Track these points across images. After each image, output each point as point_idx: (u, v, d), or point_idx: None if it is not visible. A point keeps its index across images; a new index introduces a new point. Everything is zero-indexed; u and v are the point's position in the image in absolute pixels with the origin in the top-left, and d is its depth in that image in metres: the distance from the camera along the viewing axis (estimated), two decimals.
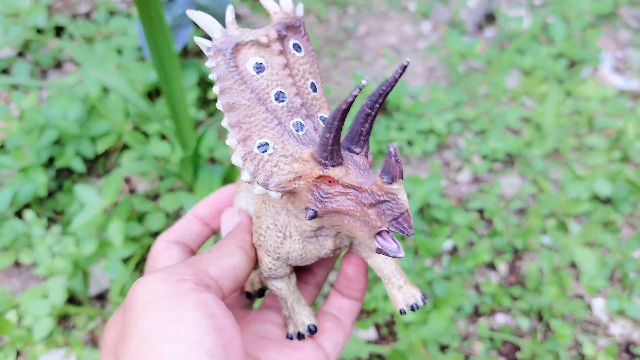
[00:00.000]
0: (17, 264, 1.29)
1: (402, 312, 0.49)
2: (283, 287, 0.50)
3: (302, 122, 0.43)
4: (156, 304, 0.37)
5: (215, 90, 0.42)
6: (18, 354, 1.15)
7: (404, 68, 0.38)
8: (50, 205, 1.36)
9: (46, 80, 1.64)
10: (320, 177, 0.40)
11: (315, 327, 0.50)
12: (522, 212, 1.48)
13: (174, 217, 1.37)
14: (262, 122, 0.42)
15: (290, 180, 0.41)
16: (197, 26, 1.75)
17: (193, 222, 0.53)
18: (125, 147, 1.47)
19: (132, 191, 1.42)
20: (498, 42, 1.92)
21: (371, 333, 1.23)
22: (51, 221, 1.35)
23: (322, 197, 0.40)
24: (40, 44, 1.69)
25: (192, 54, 1.73)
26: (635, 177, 1.47)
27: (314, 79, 0.46)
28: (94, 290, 1.25)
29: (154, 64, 1.11)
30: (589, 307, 1.31)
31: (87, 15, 1.80)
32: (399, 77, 0.38)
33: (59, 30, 1.75)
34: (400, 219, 0.38)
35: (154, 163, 1.29)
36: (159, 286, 0.38)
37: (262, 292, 0.54)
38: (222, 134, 1.53)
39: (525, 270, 1.36)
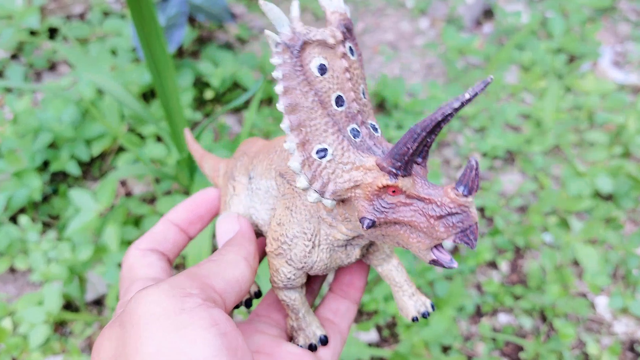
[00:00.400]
0: (12, 270, 1.28)
1: (414, 319, 0.50)
2: (297, 297, 0.48)
3: (358, 129, 0.41)
4: (162, 321, 0.34)
5: (278, 89, 0.40)
6: None
7: (487, 85, 0.36)
8: (46, 210, 1.35)
9: (40, 82, 1.62)
10: (385, 186, 0.38)
11: (327, 338, 0.49)
12: (523, 209, 1.46)
13: None
14: (322, 127, 0.40)
15: (348, 189, 0.40)
16: (192, 26, 1.74)
17: (169, 229, 0.50)
18: (120, 149, 1.45)
19: (128, 194, 1.41)
20: (496, 38, 1.90)
21: (372, 335, 1.21)
22: (46, 226, 1.33)
23: (383, 207, 0.39)
24: (34, 46, 1.68)
25: (187, 54, 1.71)
26: (637, 173, 1.46)
27: (363, 84, 0.44)
28: (90, 295, 1.23)
29: (147, 65, 1.09)
30: (592, 305, 1.30)
31: (82, 16, 1.78)
32: (480, 92, 0.36)
33: (52, 32, 1.73)
34: (467, 231, 0.37)
35: (149, 166, 1.28)
36: (164, 301, 0.35)
37: (249, 302, 0.52)
38: (219, 135, 1.51)
39: (527, 268, 1.34)
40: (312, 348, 0.48)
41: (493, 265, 1.36)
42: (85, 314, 1.20)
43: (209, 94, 1.59)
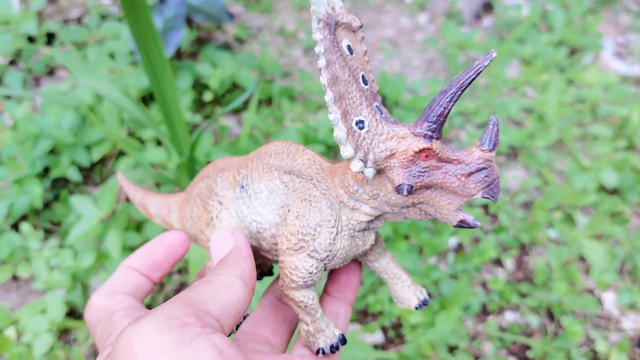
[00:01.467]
0: (15, 278, 1.27)
1: (417, 307, 0.51)
2: (314, 296, 0.48)
3: (380, 107, 0.44)
4: (163, 358, 0.31)
5: (321, 63, 0.41)
6: None
7: (490, 60, 0.39)
8: (47, 216, 1.34)
9: (39, 88, 1.61)
10: (420, 150, 0.41)
11: (345, 338, 0.49)
12: (527, 205, 1.45)
13: None
14: (358, 100, 0.43)
15: (385, 158, 0.42)
16: (190, 27, 1.72)
17: (130, 274, 0.47)
18: (121, 153, 1.44)
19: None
20: (497, 32, 1.89)
21: (378, 336, 1.21)
22: (48, 232, 1.33)
23: (418, 172, 0.42)
24: (32, 51, 1.67)
25: (185, 55, 1.70)
26: None
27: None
28: None
29: (145, 69, 1.08)
30: (599, 301, 1.29)
31: (79, 20, 1.77)
32: (487, 64, 0.39)
33: (50, 37, 1.72)
34: (492, 185, 0.41)
35: (150, 170, 1.27)
36: (162, 335, 0.32)
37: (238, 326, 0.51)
38: (219, 138, 1.50)
39: (533, 265, 1.33)
40: (333, 349, 0.47)
41: (498, 262, 1.35)
42: None
43: (208, 96, 1.58)
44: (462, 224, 0.42)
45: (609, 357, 1.18)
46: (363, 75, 0.43)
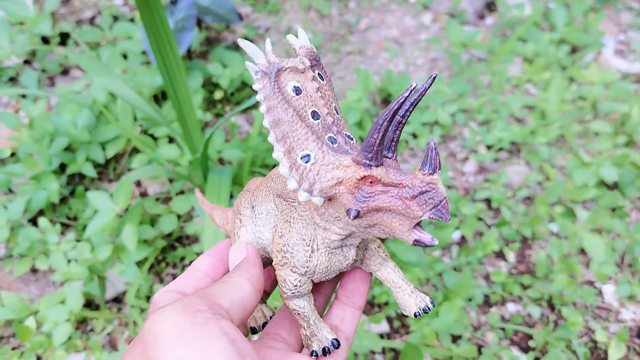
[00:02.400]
0: (33, 271, 1.32)
1: (416, 315, 0.54)
2: (305, 305, 0.52)
3: (335, 137, 0.48)
4: (179, 336, 0.38)
5: (262, 109, 0.46)
6: (38, 359, 1.18)
7: (434, 79, 0.43)
8: (64, 211, 1.39)
9: (54, 87, 1.66)
10: (363, 177, 0.44)
11: (338, 342, 0.52)
12: (529, 200, 1.49)
13: (185, 218, 1.39)
14: (303, 136, 0.46)
15: (332, 186, 0.45)
16: (200, 28, 1.77)
17: (193, 274, 0.54)
18: (134, 150, 1.49)
19: (143, 194, 1.44)
20: (499, 31, 1.92)
21: (384, 326, 1.25)
22: (65, 226, 1.37)
23: (364, 197, 0.44)
24: (47, 52, 1.71)
25: (196, 55, 1.74)
26: None
27: (335, 103, 0.51)
28: (110, 293, 1.27)
29: (159, 68, 1.12)
30: (599, 293, 1.32)
31: (92, 21, 1.81)
32: (429, 87, 0.43)
33: (64, 37, 1.76)
34: (439, 207, 0.43)
35: (163, 167, 1.31)
36: (178, 318, 0.39)
37: (265, 326, 0.57)
38: (230, 135, 1.54)
39: (535, 258, 1.37)
40: (325, 352, 0.52)
41: (501, 255, 1.39)
42: (105, 311, 1.24)
43: (218, 95, 1.62)
44: (418, 243, 0.44)
45: (609, 346, 1.22)
46: (314, 111, 0.47)
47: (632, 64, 1.86)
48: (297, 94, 0.47)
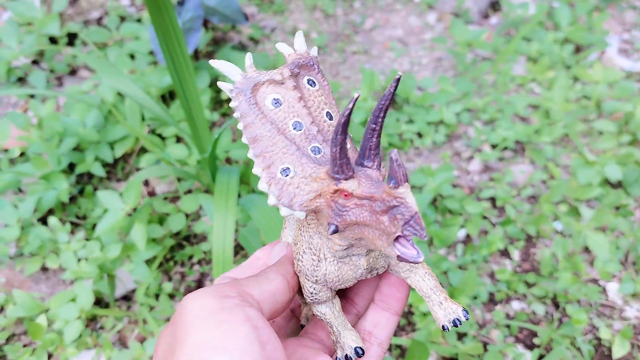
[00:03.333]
0: (44, 269, 1.33)
1: (444, 328, 0.50)
2: (327, 311, 0.52)
3: (319, 147, 0.47)
4: (206, 318, 0.40)
5: (240, 126, 0.47)
6: (49, 357, 1.19)
7: (398, 81, 0.41)
8: (73, 210, 1.40)
9: (62, 87, 1.67)
10: (336, 191, 0.42)
11: (363, 350, 0.52)
12: (534, 199, 1.50)
13: (193, 217, 1.40)
14: (282, 150, 0.46)
15: (312, 199, 0.44)
16: (206, 28, 1.78)
17: (255, 263, 0.56)
18: (143, 149, 1.50)
19: (151, 193, 1.46)
20: (504, 30, 1.93)
21: None
22: (75, 225, 1.39)
23: (340, 210, 0.42)
24: (55, 52, 1.73)
25: (202, 55, 1.75)
26: None
27: (329, 109, 0.50)
28: (119, 291, 1.29)
29: (168, 68, 1.14)
30: (603, 291, 1.33)
31: (99, 21, 1.83)
32: (394, 90, 0.41)
33: (71, 37, 1.78)
34: (411, 222, 0.39)
35: (171, 166, 1.33)
36: (208, 302, 0.41)
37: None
38: (237, 135, 1.56)
39: (539, 256, 1.38)
40: None
41: (505, 254, 1.40)
42: (115, 309, 1.26)
43: (225, 95, 1.64)
44: (402, 259, 0.41)
45: (613, 344, 1.23)
46: (297, 122, 0.47)
47: (636, 62, 1.87)
48: (276, 107, 0.47)
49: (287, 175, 0.45)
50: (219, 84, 0.48)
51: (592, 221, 1.39)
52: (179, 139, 1.51)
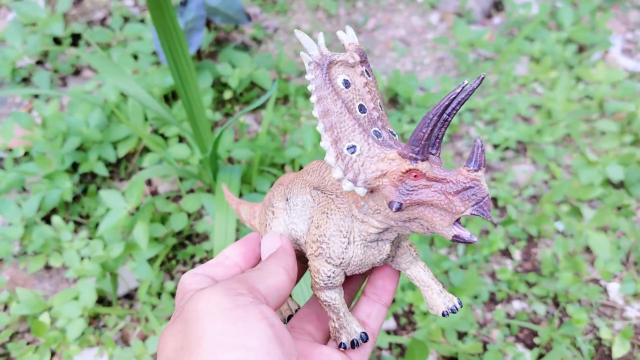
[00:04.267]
0: (47, 268, 1.34)
1: (444, 314, 0.54)
2: (337, 297, 0.53)
3: (379, 131, 0.49)
4: (220, 315, 0.39)
5: (313, 99, 0.48)
6: (52, 354, 1.20)
7: (482, 79, 0.43)
8: (76, 209, 1.41)
9: (66, 87, 1.69)
10: (408, 171, 0.45)
11: (367, 335, 0.53)
12: (535, 199, 1.50)
13: (195, 217, 1.41)
14: (350, 128, 0.48)
15: (376, 178, 0.46)
16: (209, 28, 1.79)
17: (224, 261, 0.55)
18: (145, 149, 1.51)
19: (153, 193, 1.47)
20: (507, 30, 1.93)
21: (391, 323, 1.26)
22: (78, 224, 1.40)
23: (407, 190, 0.45)
24: (59, 52, 1.74)
25: (205, 55, 1.76)
26: None
27: (380, 99, 0.53)
28: (122, 290, 1.30)
29: (169, 69, 1.14)
30: (604, 291, 1.33)
31: (103, 22, 1.84)
32: (477, 87, 0.43)
33: (75, 38, 1.79)
34: (481, 203, 0.43)
35: (173, 166, 1.33)
36: (221, 299, 0.41)
37: (290, 319, 0.59)
38: (239, 135, 1.56)
39: (540, 256, 1.38)
40: (354, 345, 0.53)
41: (507, 253, 1.40)
42: (117, 308, 1.27)
43: (227, 94, 1.64)
44: (457, 239, 0.45)
45: (613, 343, 1.23)
46: (361, 105, 0.49)
47: (639, 63, 1.86)
48: (346, 87, 0.48)
49: (353, 153, 0.47)
50: (302, 54, 0.49)
51: (593, 221, 1.39)
52: (181, 139, 1.52)
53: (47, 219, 1.40)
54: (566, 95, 1.66)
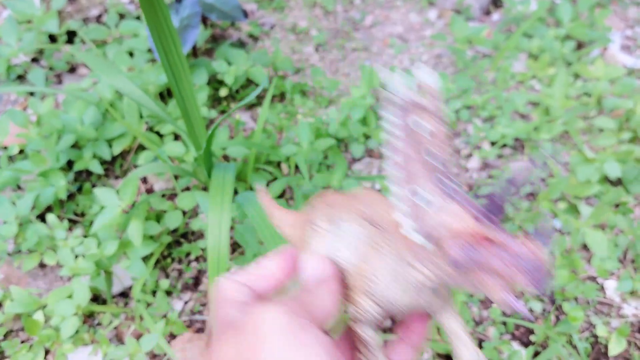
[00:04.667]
0: (42, 266, 1.34)
1: None
2: (372, 334, 0.52)
3: (446, 180, 0.48)
4: (283, 337, 0.39)
5: (388, 139, 0.47)
6: (46, 352, 1.20)
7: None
8: (71, 207, 1.41)
9: (61, 85, 1.68)
10: (474, 233, 0.43)
11: None
12: (532, 196, 1.49)
13: (190, 215, 1.40)
14: (419, 172, 0.46)
15: (439, 230, 0.45)
16: (204, 25, 1.78)
17: (264, 273, 0.53)
18: (140, 147, 1.51)
19: (148, 190, 1.46)
20: (505, 26, 1.92)
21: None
22: (72, 222, 1.39)
23: (469, 249, 0.43)
24: (54, 49, 1.73)
25: (201, 52, 1.75)
26: None
27: (448, 147, 0.52)
28: (116, 288, 1.29)
29: (163, 66, 1.14)
30: (601, 288, 1.33)
31: (98, 19, 1.83)
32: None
33: (71, 35, 1.79)
34: (540, 280, 0.42)
35: (169, 163, 1.33)
36: (284, 318, 0.40)
37: None
38: (234, 132, 1.56)
39: None
40: None
41: None
42: (112, 306, 1.27)
43: (223, 92, 1.64)
44: (508, 307, 0.44)
45: (609, 341, 1.23)
46: (431, 151, 0.47)
47: (639, 59, 1.85)
48: (422, 132, 0.47)
49: (421, 201, 0.46)
50: (386, 94, 0.47)
51: (590, 219, 1.38)
52: (176, 137, 1.51)
53: (42, 217, 1.40)
54: (564, 92, 1.65)
